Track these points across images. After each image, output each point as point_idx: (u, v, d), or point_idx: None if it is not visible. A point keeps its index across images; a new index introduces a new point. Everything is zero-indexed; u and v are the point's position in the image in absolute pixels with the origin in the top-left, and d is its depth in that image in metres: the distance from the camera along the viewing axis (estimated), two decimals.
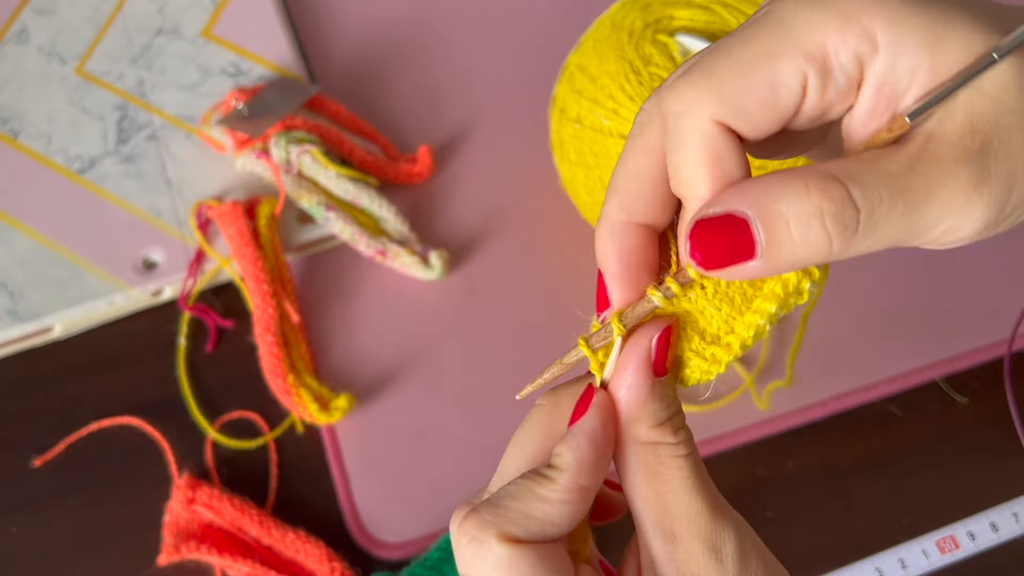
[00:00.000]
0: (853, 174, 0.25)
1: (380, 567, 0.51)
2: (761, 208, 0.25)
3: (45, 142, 0.62)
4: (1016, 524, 0.51)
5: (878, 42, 0.25)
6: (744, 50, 0.26)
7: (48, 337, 0.57)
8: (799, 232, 0.25)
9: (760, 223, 0.25)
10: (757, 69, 0.26)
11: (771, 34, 0.26)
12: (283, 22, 0.66)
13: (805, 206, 0.25)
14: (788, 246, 0.25)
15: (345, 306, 0.58)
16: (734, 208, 0.25)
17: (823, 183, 0.25)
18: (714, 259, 0.26)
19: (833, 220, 0.25)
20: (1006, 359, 0.55)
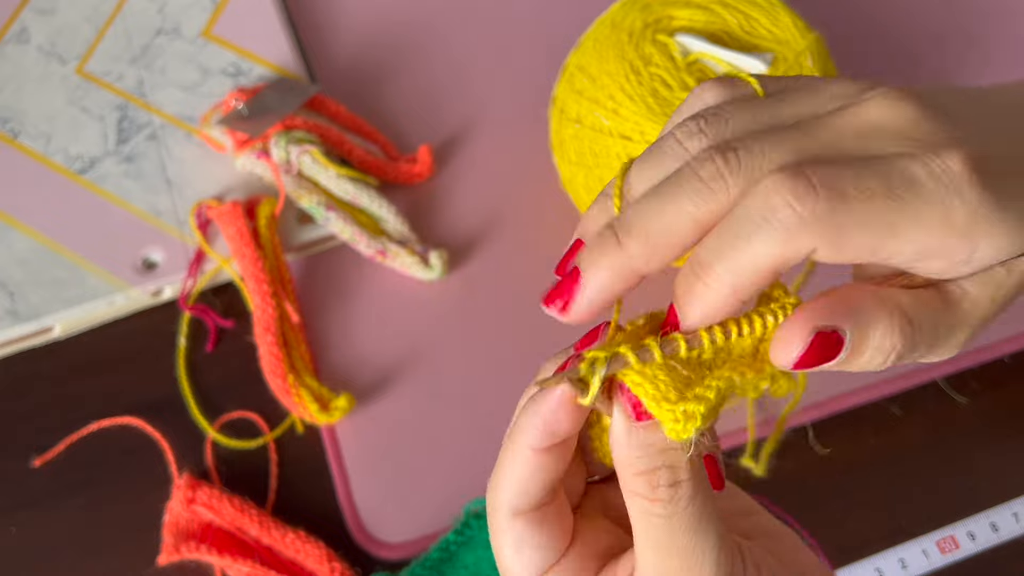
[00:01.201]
0: (920, 321, 0.28)
1: (380, 567, 0.51)
2: (859, 330, 0.27)
3: (45, 142, 0.62)
4: (1016, 524, 0.52)
5: (970, 260, 0.28)
6: (881, 207, 0.27)
7: (48, 337, 0.57)
8: (870, 356, 0.27)
9: (853, 341, 0.27)
10: (881, 235, 0.27)
11: (908, 212, 0.27)
12: (283, 22, 0.66)
13: (886, 340, 0.27)
14: (859, 362, 0.27)
15: (345, 306, 0.58)
16: (840, 326, 0.27)
17: (904, 325, 0.27)
18: (810, 363, 0.27)
19: (896, 356, 0.28)
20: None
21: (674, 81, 0.51)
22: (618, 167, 0.51)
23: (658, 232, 0.27)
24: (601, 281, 0.29)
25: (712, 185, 0.27)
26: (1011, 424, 0.55)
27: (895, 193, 0.26)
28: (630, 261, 0.28)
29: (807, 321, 0.27)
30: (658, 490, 0.27)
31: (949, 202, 0.26)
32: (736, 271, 0.27)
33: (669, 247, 0.27)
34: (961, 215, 0.27)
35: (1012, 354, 0.56)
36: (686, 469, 0.28)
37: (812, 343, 0.27)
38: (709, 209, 0.27)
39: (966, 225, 0.27)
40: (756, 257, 0.26)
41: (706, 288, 0.27)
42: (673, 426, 0.27)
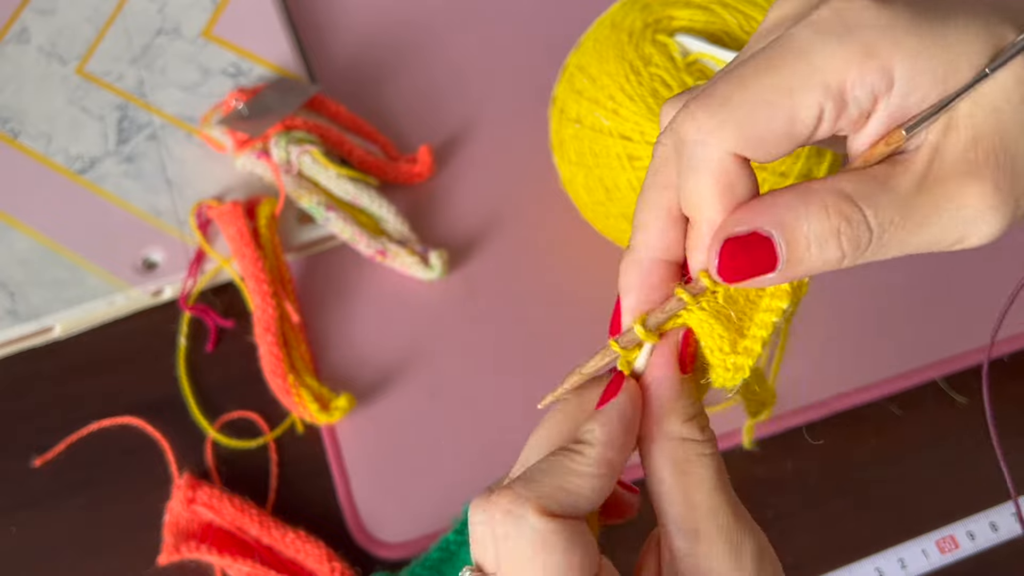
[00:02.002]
0: (867, 195, 0.26)
1: (380, 567, 0.51)
2: (785, 228, 0.27)
3: (45, 142, 0.62)
4: (1016, 524, 0.51)
5: (894, 77, 0.26)
6: (763, 81, 0.27)
7: (48, 337, 0.57)
8: (817, 250, 0.27)
9: (784, 242, 0.27)
10: (777, 103, 0.26)
11: (791, 66, 0.26)
12: (283, 22, 0.66)
13: (825, 226, 0.26)
14: (806, 261, 0.27)
15: (345, 306, 0.58)
16: (760, 227, 0.27)
17: (840, 205, 0.26)
18: (739, 273, 0.27)
19: (848, 240, 0.26)
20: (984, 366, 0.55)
21: (674, 81, 0.51)
22: (618, 167, 0.51)
23: (641, 217, 0.30)
24: (628, 283, 0.31)
25: (659, 158, 0.29)
26: (1011, 424, 0.55)
27: (772, 62, 0.27)
28: (637, 255, 0.30)
29: (719, 232, 0.27)
30: (705, 431, 0.29)
31: (835, 38, 0.26)
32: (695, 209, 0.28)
33: (653, 223, 0.30)
34: (856, 40, 0.26)
35: (1012, 354, 0.56)
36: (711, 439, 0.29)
37: (727, 251, 0.27)
38: (664, 174, 0.29)
39: (863, 50, 0.26)
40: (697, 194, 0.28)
41: (694, 233, 0.29)
42: (723, 375, 0.30)
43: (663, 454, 0.29)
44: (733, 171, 0.27)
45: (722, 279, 0.28)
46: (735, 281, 0.28)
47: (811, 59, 0.26)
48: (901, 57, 0.26)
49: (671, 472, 0.29)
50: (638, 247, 0.30)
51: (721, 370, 0.30)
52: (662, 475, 0.29)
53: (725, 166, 0.27)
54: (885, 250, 0.27)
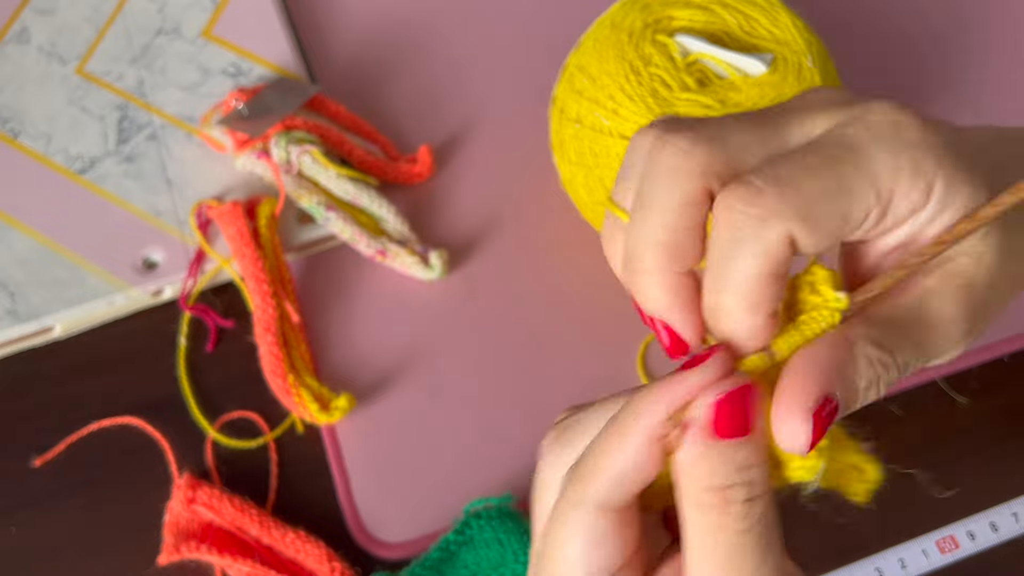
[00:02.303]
0: (894, 342, 0.28)
1: (380, 567, 0.51)
2: (847, 390, 0.27)
3: (45, 142, 0.62)
4: (1016, 524, 0.52)
5: (931, 198, 0.28)
6: (826, 174, 0.27)
7: (48, 337, 0.57)
8: (863, 398, 0.28)
9: (844, 400, 0.27)
10: (837, 198, 0.27)
11: (851, 165, 0.27)
12: (283, 22, 0.66)
13: (870, 377, 0.28)
14: (852, 408, 0.28)
15: (345, 306, 0.58)
16: (832, 392, 0.27)
17: (881, 356, 0.28)
18: (819, 435, 0.27)
19: (885, 384, 0.28)
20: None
21: (674, 81, 0.51)
22: (618, 167, 0.51)
23: (660, 235, 0.28)
24: (670, 306, 0.29)
25: (679, 164, 0.28)
26: (1011, 424, 0.55)
27: (835, 158, 0.27)
28: (664, 275, 0.29)
29: (801, 406, 0.27)
30: (733, 505, 0.27)
31: (889, 146, 0.27)
32: (736, 292, 0.27)
33: (679, 239, 0.28)
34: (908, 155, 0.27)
35: (1012, 354, 0.56)
36: (761, 485, 0.28)
37: (817, 421, 0.27)
38: (687, 187, 0.28)
39: (915, 166, 0.27)
40: (744, 270, 0.27)
41: (724, 323, 0.28)
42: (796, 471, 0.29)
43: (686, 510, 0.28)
44: (784, 254, 0.27)
45: (808, 448, 0.27)
46: (815, 443, 0.27)
47: (870, 164, 0.27)
48: (941, 181, 0.27)
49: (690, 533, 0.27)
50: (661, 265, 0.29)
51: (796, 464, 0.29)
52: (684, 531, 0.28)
53: (779, 247, 0.27)
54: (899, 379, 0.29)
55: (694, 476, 0.27)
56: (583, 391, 0.54)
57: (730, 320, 0.28)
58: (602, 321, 0.57)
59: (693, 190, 0.28)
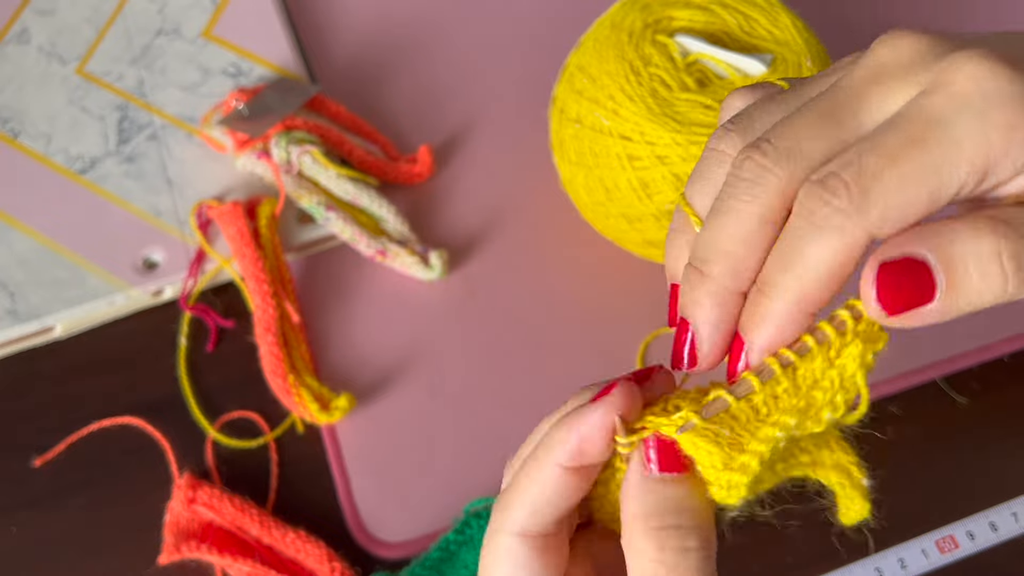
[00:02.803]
0: (1020, 218, 0.25)
1: (380, 567, 0.51)
2: (941, 251, 0.25)
3: (45, 142, 0.62)
4: (1016, 524, 0.52)
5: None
6: (912, 160, 0.26)
7: (48, 337, 0.57)
8: (978, 273, 0.25)
9: (941, 265, 0.25)
10: (925, 182, 0.25)
11: (939, 144, 0.25)
12: (283, 22, 0.66)
13: (984, 247, 0.25)
14: (967, 287, 0.25)
15: (345, 306, 0.58)
16: (913, 251, 0.25)
17: (995, 224, 0.25)
18: (898, 303, 0.25)
19: (1010, 259, 0.25)
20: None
21: (674, 81, 0.51)
22: (618, 167, 0.51)
23: (730, 246, 0.28)
24: (707, 318, 0.28)
25: (758, 180, 0.27)
26: (1011, 424, 0.55)
27: (917, 137, 0.26)
28: (722, 286, 0.28)
29: (872, 260, 0.25)
30: (665, 552, 0.27)
31: (976, 112, 0.25)
32: (797, 276, 0.26)
33: (747, 255, 0.27)
34: (998, 114, 0.25)
35: (1012, 354, 0.56)
36: (697, 535, 0.27)
37: (882, 278, 0.25)
38: (765, 202, 0.27)
39: (1008, 123, 0.25)
40: (814, 259, 0.26)
41: (771, 301, 0.27)
42: (718, 492, 0.27)
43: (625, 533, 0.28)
44: (857, 254, 0.26)
45: (883, 309, 0.26)
46: (896, 312, 0.26)
47: (955, 135, 0.25)
48: None
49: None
50: (720, 277, 0.28)
51: (716, 488, 0.27)
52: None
53: (856, 247, 0.26)
54: None
55: (635, 517, 0.27)
56: None
57: (775, 301, 0.27)
58: (602, 321, 0.57)
59: (772, 208, 0.27)
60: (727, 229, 0.28)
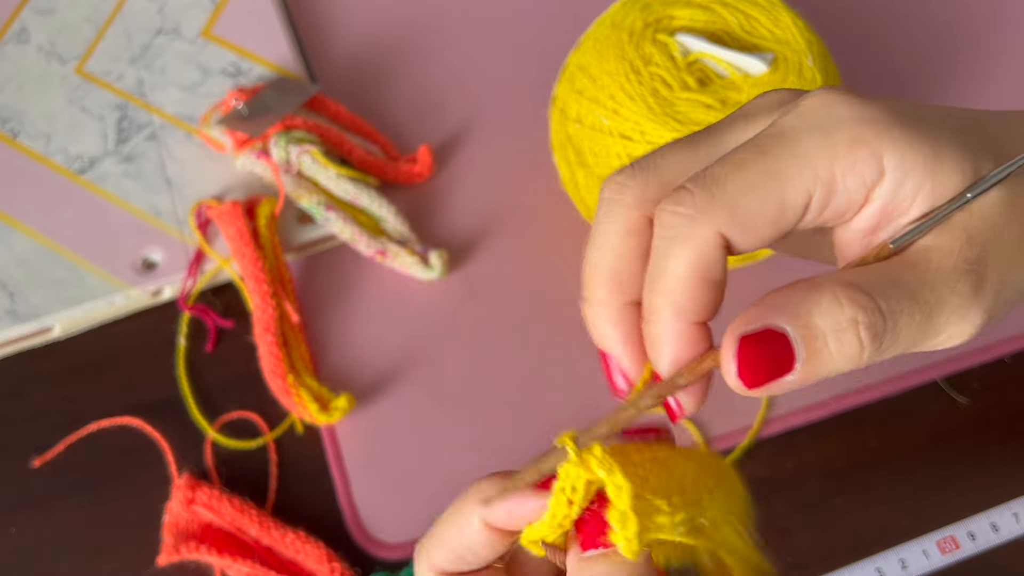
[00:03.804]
0: (875, 286, 0.26)
1: (380, 567, 0.51)
2: (800, 322, 0.25)
3: (45, 142, 0.61)
4: (1016, 524, 0.51)
5: (884, 166, 0.26)
6: (756, 167, 0.26)
7: (48, 337, 0.57)
8: (835, 343, 0.26)
9: (799, 337, 0.25)
10: (769, 187, 0.26)
11: (782, 153, 0.26)
12: (283, 22, 0.66)
13: (840, 318, 0.25)
14: (825, 357, 0.26)
15: (345, 306, 0.58)
16: (773, 324, 0.26)
17: (852, 294, 0.26)
18: (758, 375, 0.26)
19: (866, 330, 0.25)
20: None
21: (674, 81, 0.51)
22: (618, 166, 0.51)
23: (603, 264, 0.29)
24: (615, 339, 0.29)
25: (615, 197, 0.29)
26: (1011, 424, 0.55)
27: (764, 149, 0.27)
28: (611, 305, 0.29)
29: (731, 333, 0.26)
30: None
31: (823, 128, 0.26)
32: (664, 291, 0.27)
33: (621, 267, 0.29)
34: (843, 130, 0.26)
35: (1012, 354, 0.56)
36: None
37: (743, 352, 0.26)
38: (623, 214, 0.28)
39: (852, 139, 0.26)
40: (673, 268, 0.27)
41: (652, 325, 0.28)
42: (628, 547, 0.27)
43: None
44: (714, 254, 0.27)
45: (743, 384, 0.26)
46: (756, 386, 0.26)
47: (801, 148, 0.26)
48: (890, 147, 0.26)
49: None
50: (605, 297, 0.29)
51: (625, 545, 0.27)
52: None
53: (708, 246, 0.27)
54: (896, 344, 0.26)
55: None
56: (582, 390, 0.54)
57: (657, 323, 0.28)
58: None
59: (631, 219, 0.28)
60: (597, 252, 0.29)
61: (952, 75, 0.66)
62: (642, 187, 0.28)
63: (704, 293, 0.27)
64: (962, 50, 0.67)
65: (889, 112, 0.27)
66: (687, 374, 0.27)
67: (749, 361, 0.26)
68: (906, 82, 0.65)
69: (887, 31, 0.67)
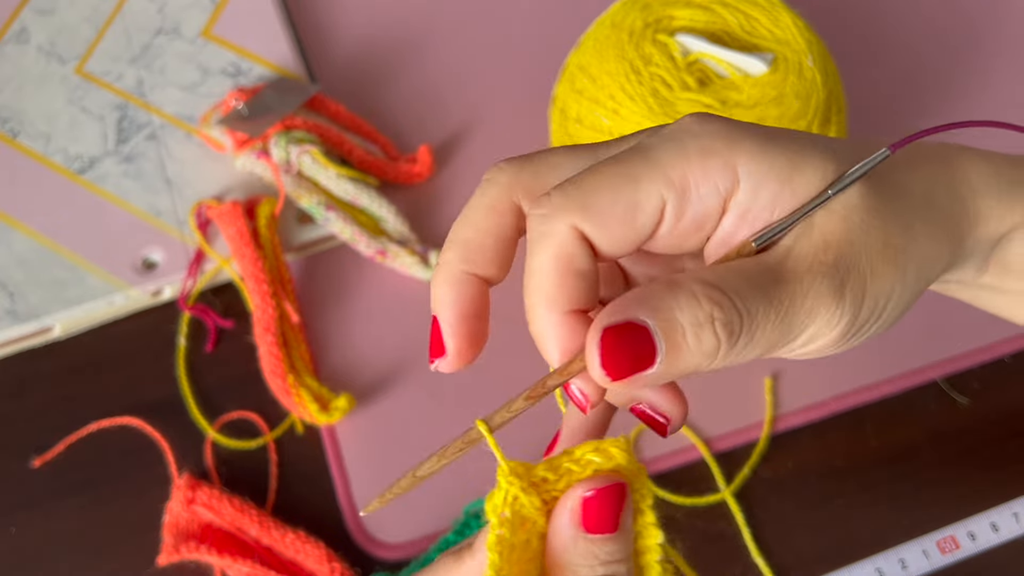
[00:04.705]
0: (731, 285, 0.27)
1: (380, 567, 0.51)
2: (659, 314, 0.26)
3: (44, 142, 0.61)
4: (1016, 524, 0.51)
5: (738, 175, 0.28)
6: (612, 170, 0.28)
7: (48, 337, 0.57)
8: (693, 338, 0.27)
9: (660, 330, 0.26)
10: (621, 187, 0.28)
11: (637, 160, 0.28)
12: (283, 22, 0.66)
13: (698, 313, 0.26)
14: (684, 351, 0.27)
15: (345, 306, 0.58)
16: (633, 315, 0.27)
17: (709, 292, 0.27)
18: (621, 368, 0.27)
19: (722, 326, 0.26)
20: None
21: (674, 81, 0.51)
22: None
23: (462, 234, 0.30)
24: (444, 300, 0.30)
25: (490, 179, 0.31)
26: (1011, 424, 0.55)
27: (621, 158, 0.28)
28: (456, 268, 0.30)
29: (595, 325, 0.27)
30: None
31: (677, 141, 0.28)
32: (533, 287, 0.29)
33: (475, 237, 0.30)
34: (696, 142, 0.28)
35: (1012, 354, 0.56)
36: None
37: (606, 343, 0.26)
38: (491, 194, 0.31)
39: (704, 149, 0.27)
40: (537, 265, 0.28)
41: (532, 322, 0.29)
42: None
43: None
44: (573, 247, 0.28)
45: (606, 375, 0.27)
46: (619, 378, 0.27)
47: (655, 156, 0.28)
48: (744, 157, 0.28)
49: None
50: (451, 261, 0.30)
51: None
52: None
53: (565, 240, 0.28)
54: (753, 342, 0.27)
55: (564, 559, 0.29)
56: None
57: (534, 320, 0.29)
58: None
59: (496, 198, 0.30)
60: (459, 222, 0.31)
61: (952, 75, 0.66)
62: (516, 172, 0.30)
63: (571, 282, 0.28)
64: (962, 50, 0.67)
65: (745, 129, 0.28)
66: (557, 375, 0.28)
67: (612, 352, 0.26)
68: (906, 82, 0.65)
69: (887, 31, 0.67)
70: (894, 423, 0.55)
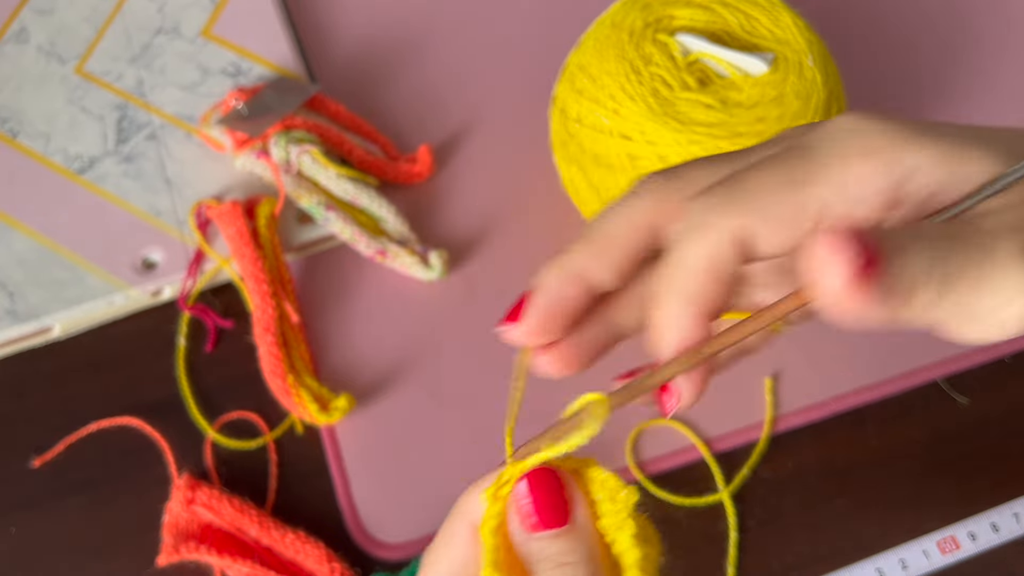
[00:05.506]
0: (933, 232, 0.26)
1: (380, 567, 0.51)
2: (891, 244, 0.25)
3: (44, 142, 0.61)
4: (1016, 524, 0.51)
5: (903, 171, 0.27)
6: (774, 172, 0.28)
7: (47, 337, 0.57)
8: (915, 275, 0.26)
9: (889, 254, 0.25)
10: (785, 189, 0.27)
11: (799, 162, 0.28)
12: (283, 22, 0.66)
13: (926, 256, 0.26)
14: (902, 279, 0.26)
15: (345, 306, 0.58)
16: (869, 239, 0.26)
17: (931, 245, 0.26)
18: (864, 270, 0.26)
19: (941, 279, 0.26)
20: None
21: (675, 81, 0.51)
22: (619, 167, 0.51)
23: (598, 233, 0.30)
24: (548, 285, 0.30)
25: (638, 191, 0.30)
26: (1011, 424, 0.55)
27: (783, 159, 0.28)
28: (573, 261, 0.30)
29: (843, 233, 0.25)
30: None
31: (838, 141, 0.28)
32: (679, 278, 0.28)
33: (608, 244, 0.30)
34: (859, 141, 0.27)
35: (1012, 354, 0.56)
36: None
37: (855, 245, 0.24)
38: (637, 206, 0.30)
39: (867, 147, 0.27)
40: (686, 260, 0.28)
41: (663, 309, 0.28)
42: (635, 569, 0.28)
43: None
44: (728, 249, 0.28)
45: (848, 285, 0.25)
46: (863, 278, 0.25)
47: (817, 156, 0.28)
48: (907, 154, 0.27)
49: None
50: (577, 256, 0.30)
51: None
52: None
53: (723, 240, 0.27)
54: (949, 288, 0.26)
55: (526, 561, 0.28)
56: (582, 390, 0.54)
57: (662, 311, 0.28)
58: None
59: (643, 211, 0.30)
60: (598, 225, 0.30)
61: (953, 75, 0.66)
62: (665, 189, 0.30)
63: (716, 287, 0.28)
64: (964, 49, 0.67)
65: (905, 124, 0.28)
66: (792, 299, 0.27)
67: (859, 258, 0.24)
68: (907, 82, 0.65)
69: (887, 31, 0.67)
70: (894, 423, 0.55)
